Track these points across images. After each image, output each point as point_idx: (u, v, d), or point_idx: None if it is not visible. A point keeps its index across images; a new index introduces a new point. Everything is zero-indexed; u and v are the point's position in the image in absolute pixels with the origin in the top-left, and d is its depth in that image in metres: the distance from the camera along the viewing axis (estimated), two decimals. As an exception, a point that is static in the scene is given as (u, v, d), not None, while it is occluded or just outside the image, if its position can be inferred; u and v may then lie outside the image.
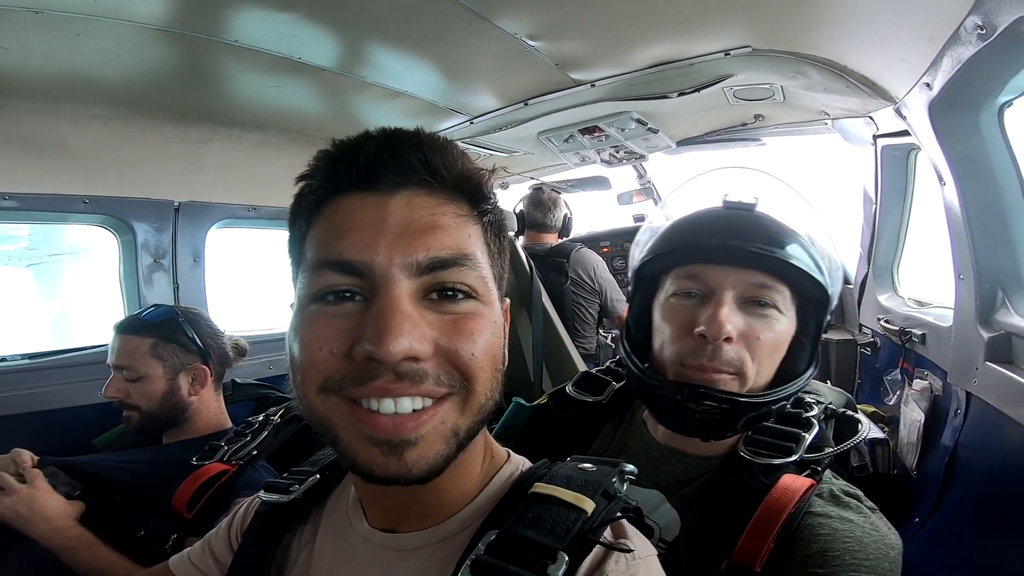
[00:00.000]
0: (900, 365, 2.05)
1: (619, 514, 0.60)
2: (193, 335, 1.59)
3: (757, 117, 2.30)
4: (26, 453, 1.34)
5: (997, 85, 1.23)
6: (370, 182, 0.56)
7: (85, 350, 2.02)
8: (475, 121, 2.18)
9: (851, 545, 0.77)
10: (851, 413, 1.02)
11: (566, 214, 3.31)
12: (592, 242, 3.70)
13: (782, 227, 0.96)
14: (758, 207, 0.99)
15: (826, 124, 2.21)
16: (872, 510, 0.85)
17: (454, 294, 0.56)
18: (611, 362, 1.22)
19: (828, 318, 0.98)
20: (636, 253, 1.09)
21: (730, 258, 0.92)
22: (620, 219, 4.33)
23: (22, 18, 1.19)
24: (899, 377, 2.06)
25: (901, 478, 1.87)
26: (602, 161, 2.87)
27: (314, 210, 0.59)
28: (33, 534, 1.23)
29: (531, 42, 1.54)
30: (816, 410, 0.98)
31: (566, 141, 2.55)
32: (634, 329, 1.06)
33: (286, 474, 0.81)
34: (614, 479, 0.62)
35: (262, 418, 1.61)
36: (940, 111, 1.33)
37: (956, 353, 1.58)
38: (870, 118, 1.86)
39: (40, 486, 1.27)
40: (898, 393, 2.04)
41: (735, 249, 0.91)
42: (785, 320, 0.93)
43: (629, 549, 0.57)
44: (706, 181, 1.12)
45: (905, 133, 1.68)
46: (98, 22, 1.23)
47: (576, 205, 3.51)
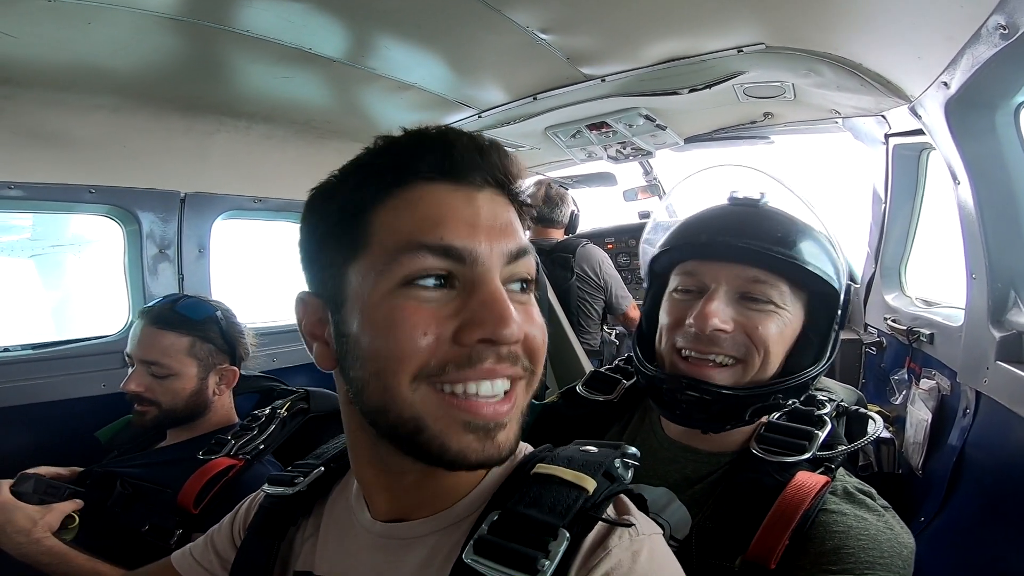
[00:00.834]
0: (907, 365, 2.05)
1: (619, 491, 0.62)
2: (227, 334, 1.58)
3: (766, 115, 2.30)
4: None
5: (1015, 85, 1.22)
6: (460, 176, 0.59)
7: (88, 341, 2.02)
8: (483, 115, 2.17)
9: (866, 543, 0.77)
10: (863, 411, 1.03)
11: (573, 211, 3.31)
12: (597, 238, 3.70)
13: (789, 222, 0.98)
14: (764, 202, 1.01)
15: (836, 123, 2.20)
16: (886, 508, 0.85)
17: (525, 285, 0.62)
18: (620, 360, 1.23)
19: (840, 313, 0.98)
20: (648, 250, 1.12)
21: (721, 254, 0.95)
22: (625, 215, 4.32)
23: (34, 6, 1.18)
24: (905, 377, 2.05)
25: (906, 478, 1.87)
26: (608, 157, 2.86)
27: (386, 192, 0.59)
28: (6, 548, 1.20)
29: (542, 35, 1.53)
30: (828, 407, 0.98)
31: (573, 137, 2.54)
32: (645, 325, 1.09)
33: (290, 467, 0.81)
34: (616, 460, 0.63)
35: (268, 411, 1.60)
36: (956, 110, 1.32)
37: (966, 353, 1.58)
38: (882, 117, 1.86)
39: (4, 498, 1.23)
40: (904, 393, 2.03)
41: (724, 245, 0.94)
42: (786, 314, 0.94)
43: (631, 523, 0.57)
44: (706, 177, 1.16)
45: (918, 132, 1.67)
46: (110, 11, 1.21)
47: (581, 201, 3.51)
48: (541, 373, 0.62)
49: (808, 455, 0.89)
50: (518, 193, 0.63)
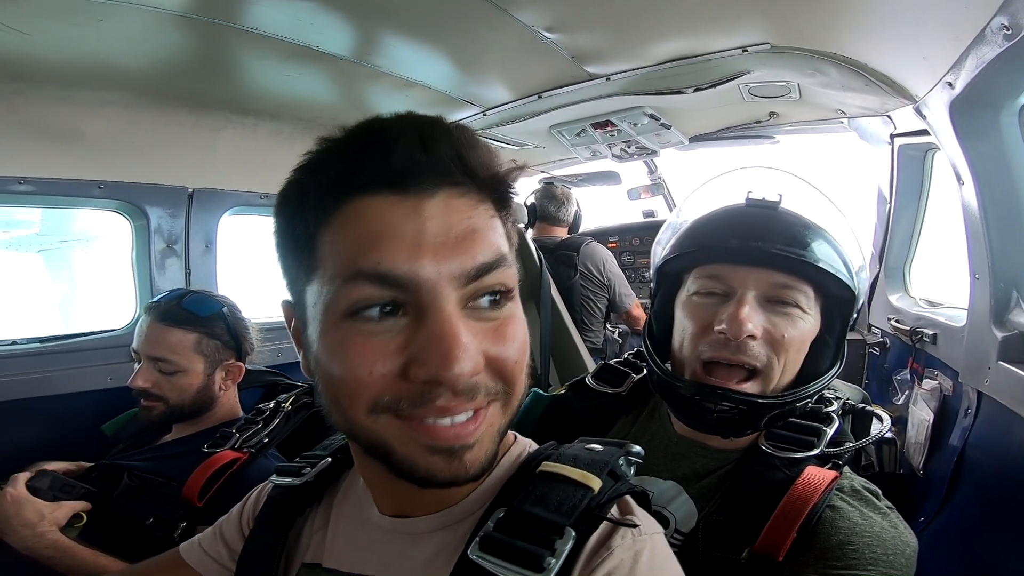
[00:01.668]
0: (910, 365, 2.05)
1: (624, 491, 0.61)
2: (233, 330, 1.59)
3: (772, 115, 2.29)
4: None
5: (1019, 86, 1.22)
6: (403, 183, 0.51)
7: (95, 335, 2.03)
8: (488, 113, 2.18)
9: (870, 540, 0.78)
10: (869, 408, 1.03)
11: (576, 210, 3.34)
12: (601, 237, 3.71)
13: (806, 225, 0.96)
14: (782, 204, 0.99)
15: (842, 123, 2.20)
16: (890, 508, 0.86)
17: (497, 300, 0.55)
18: (629, 354, 1.23)
19: (855, 316, 0.98)
20: (658, 251, 1.10)
21: (752, 259, 0.93)
22: (629, 214, 4.32)
23: (47, 3, 1.19)
24: (908, 377, 2.06)
25: (907, 477, 1.87)
26: (613, 156, 2.86)
27: (329, 209, 0.53)
28: (11, 541, 1.22)
29: (548, 34, 1.53)
30: (835, 405, 0.99)
31: (578, 135, 2.55)
32: (656, 327, 1.07)
33: (298, 458, 0.81)
34: (620, 459, 0.62)
35: (273, 405, 1.61)
36: (961, 110, 1.32)
37: (968, 353, 1.58)
38: (888, 117, 1.85)
39: (18, 492, 1.25)
40: (907, 393, 2.03)
41: (757, 250, 0.92)
42: (809, 319, 0.94)
43: (635, 524, 0.57)
44: (728, 180, 1.11)
45: (923, 132, 1.67)
46: (122, 8, 1.22)
47: (585, 200, 3.52)
48: (522, 390, 0.58)
49: (817, 451, 0.89)
50: (495, 186, 0.56)
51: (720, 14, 1.44)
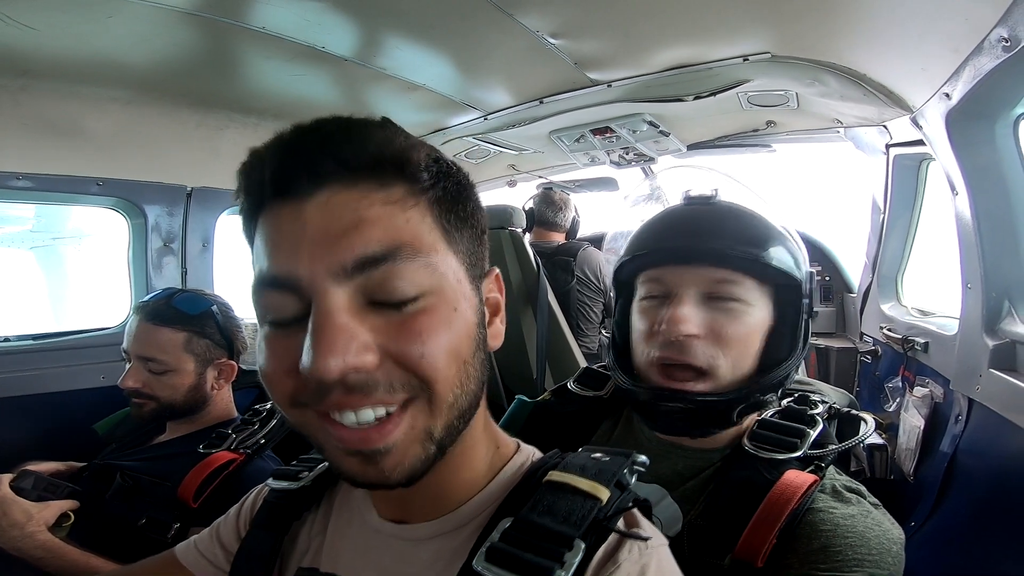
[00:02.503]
0: (901, 373, 2.08)
1: (631, 504, 0.61)
2: (224, 328, 1.57)
3: (769, 123, 2.32)
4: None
5: (1015, 97, 1.25)
6: (284, 190, 0.52)
7: (88, 333, 2.02)
8: (489, 117, 2.19)
9: (853, 540, 0.78)
10: (855, 412, 1.03)
11: (575, 217, 3.36)
12: (598, 242, 3.72)
13: (746, 217, 0.98)
14: (717, 199, 1.01)
15: (838, 132, 2.23)
16: (875, 505, 0.85)
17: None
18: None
19: (806, 301, 0.98)
20: (613, 260, 1.13)
21: (688, 258, 0.94)
22: (627, 221, 4.34)
23: None
24: (900, 384, 2.08)
25: (898, 483, 1.89)
26: (611, 162, 2.88)
27: (251, 226, 0.56)
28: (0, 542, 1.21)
29: (552, 40, 1.55)
30: (821, 408, 0.99)
31: (577, 141, 2.56)
32: (618, 336, 1.09)
33: (295, 462, 0.80)
34: (626, 469, 0.62)
35: (269, 406, 1.60)
36: (957, 121, 1.34)
37: (960, 361, 1.60)
38: (884, 127, 1.88)
39: (2, 493, 1.24)
40: (898, 400, 2.06)
41: (689, 249, 0.94)
42: (755, 311, 0.94)
43: (645, 537, 0.57)
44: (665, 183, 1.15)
45: (919, 143, 1.69)
46: (131, 5, 1.22)
47: (582, 205, 3.54)
48: (451, 388, 0.54)
49: (799, 453, 0.89)
50: (384, 170, 0.53)
51: (723, 23, 1.46)
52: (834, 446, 0.93)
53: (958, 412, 1.60)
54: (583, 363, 2.65)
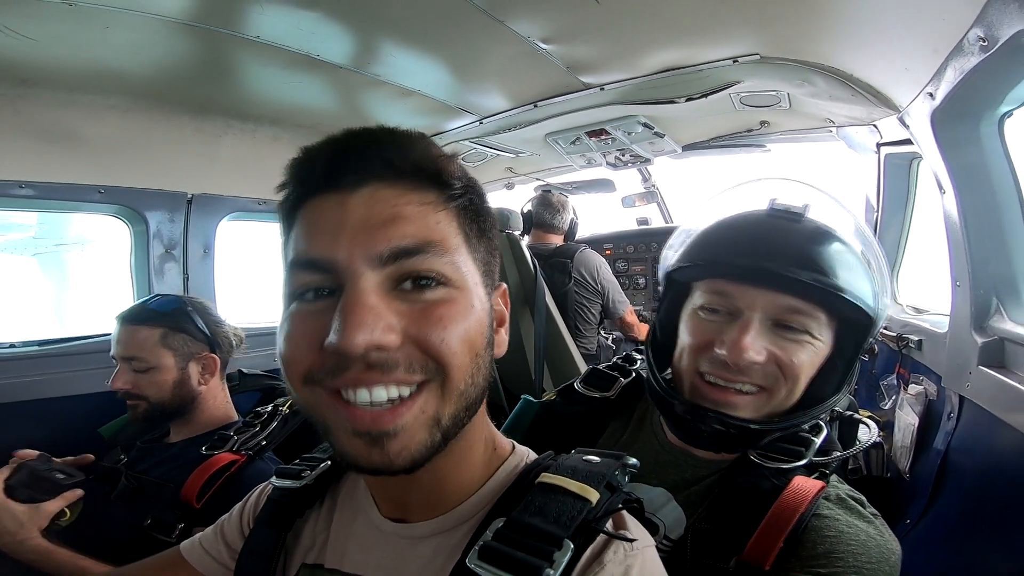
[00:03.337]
0: (896, 370, 2.08)
1: (620, 505, 0.62)
2: (201, 324, 1.60)
3: (763, 123, 2.33)
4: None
5: (998, 96, 1.25)
6: (332, 182, 0.58)
7: (92, 338, 2.04)
8: (484, 121, 2.21)
9: (855, 548, 0.79)
10: (857, 416, 1.03)
11: (573, 219, 3.37)
12: (595, 244, 3.74)
13: (830, 242, 0.91)
14: (808, 216, 0.93)
15: (831, 132, 2.24)
16: (875, 516, 0.86)
17: (427, 282, 0.56)
18: (618, 358, 1.23)
19: (870, 340, 0.94)
20: (669, 256, 1.06)
21: (764, 281, 0.88)
22: (623, 222, 4.36)
23: (55, 9, 1.21)
24: (895, 382, 2.08)
25: (894, 481, 1.89)
26: (607, 164, 2.90)
27: (291, 215, 0.61)
28: None
29: (543, 45, 1.57)
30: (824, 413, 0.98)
31: (573, 143, 2.58)
32: (659, 333, 1.05)
33: (298, 460, 0.82)
34: (617, 471, 0.63)
35: (271, 408, 1.62)
36: (942, 120, 1.35)
37: (950, 358, 1.60)
38: (874, 126, 1.89)
39: None
40: (893, 398, 2.06)
41: (768, 273, 0.87)
42: (820, 345, 0.90)
43: (631, 539, 0.59)
44: (752, 189, 1.06)
45: (908, 142, 1.70)
46: (128, 15, 1.25)
47: (579, 207, 3.55)
48: (463, 376, 0.57)
49: (805, 461, 0.89)
50: (422, 175, 0.59)
51: (711, 26, 1.48)
52: (838, 453, 0.93)
53: (950, 409, 1.60)
54: (581, 364, 2.66)
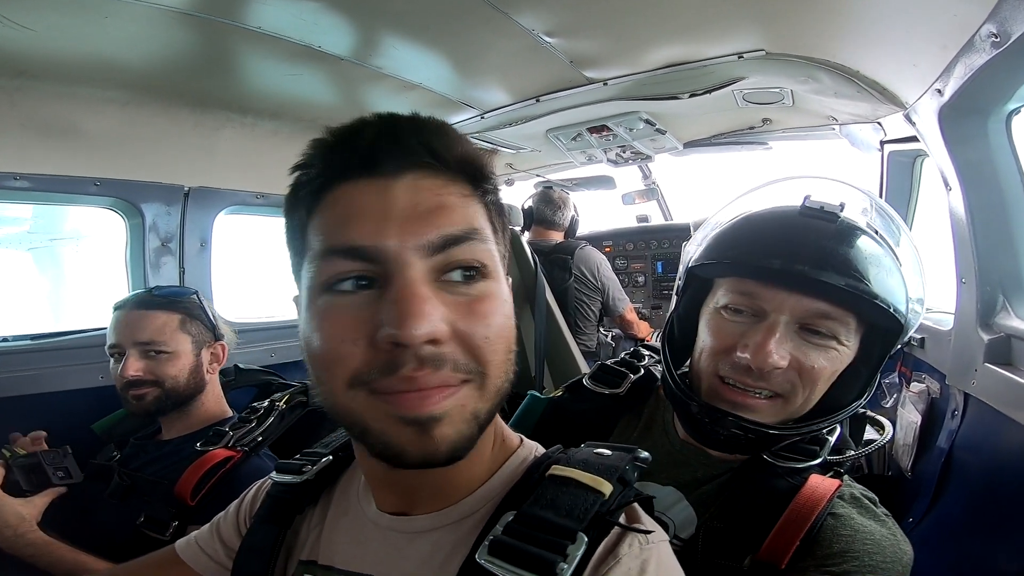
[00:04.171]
0: (898, 368, 2.08)
1: (633, 499, 0.61)
2: (211, 313, 1.61)
3: (765, 121, 2.33)
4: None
5: (1007, 92, 1.24)
6: (372, 168, 0.55)
7: (86, 332, 2.02)
8: (486, 116, 2.20)
9: (870, 547, 0.79)
10: (871, 413, 1.03)
11: (573, 216, 3.36)
12: (595, 241, 3.74)
13: (864, 245, 0.88)
14: (843, 215, 0.90)
15: (833, 129, 2.23)
16: (887, 515, 0.86)
17: (470, 274, 0.56)
18: (626, 354, 1.21)
19: (898, 347, 0.91)
20: (691, 250, 1.03)
21: (794, 284, 0.85)
22: (623, 219, 4.36)
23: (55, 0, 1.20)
24: (896, 380, 2.08)
25: (896, 479, 1.89)
26: (608, 161, 2.89)
27: (314, 199, 0.58)
28: None
29: (547, 38, 1.55)
30: None
31: (574, 139, 2.57)
32: (677, 330, 1.03)
33: (298, 455, 0.81)
34: (628, 465, 0.62)
35: (267, 404, 1.61)
36: (949, 117, 1.34)
37: (955, 355, 1.60)
38: (878, 123, 1.88)
39: None
40: (895, 396, 2.06)
41: (799, 276, 0.83)
42: (846, 351, 0.88)
43: (647, 531, 0.57)
44: (784, 187, 1.03)
45: (913, 139, 1.69)
46: (127, 6, 1.23)
47: (580, 204, 3.55)
48: (500, 374, 0.57)
49: (819, 460, 0.88)
50: (464, 167, 0.58)
51: (717, 21, 1.47)
52: (852, 452, 0.93)
53: (954, 407, 1.60)
54: (581, 361, 2.66)
